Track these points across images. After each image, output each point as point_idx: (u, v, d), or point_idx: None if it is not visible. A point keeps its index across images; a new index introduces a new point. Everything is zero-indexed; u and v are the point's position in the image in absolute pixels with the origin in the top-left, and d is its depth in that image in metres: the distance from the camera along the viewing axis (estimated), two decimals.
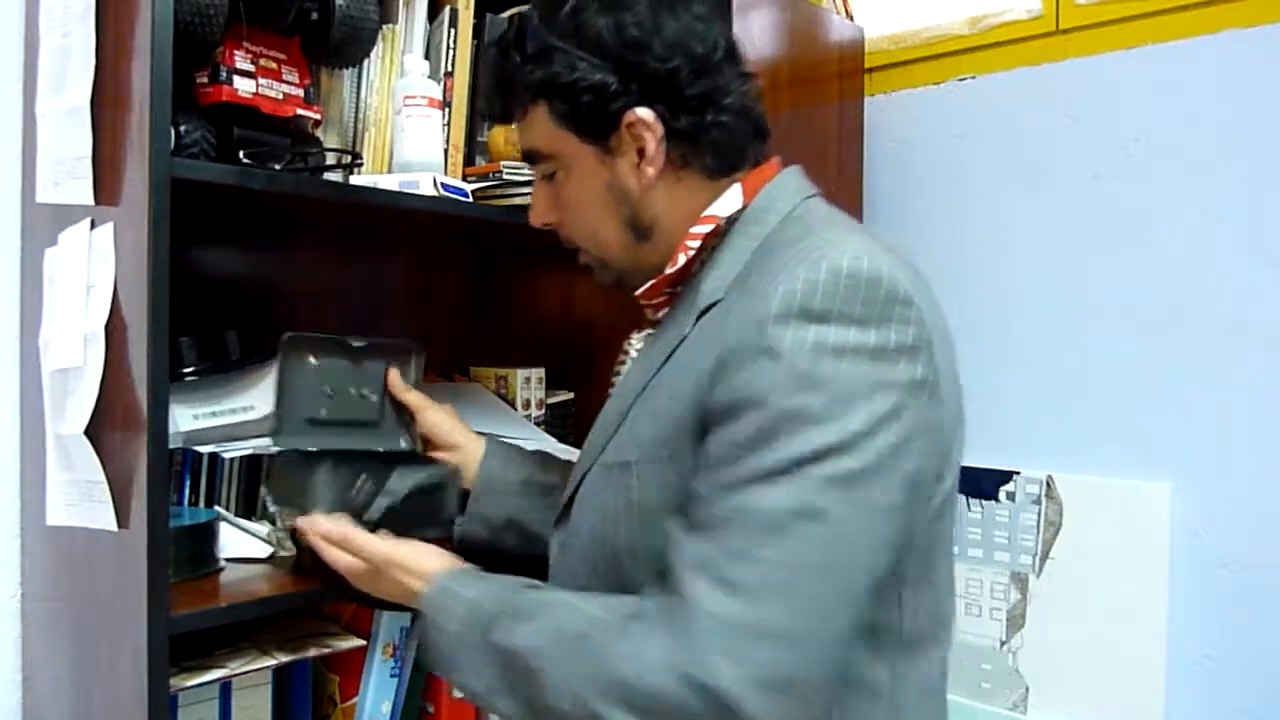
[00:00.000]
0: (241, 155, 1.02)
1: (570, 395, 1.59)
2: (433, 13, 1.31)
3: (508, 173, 1.24)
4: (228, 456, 1.14)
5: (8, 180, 1.19)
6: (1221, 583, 1.61)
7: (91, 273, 0.98)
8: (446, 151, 1.29)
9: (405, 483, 1.07)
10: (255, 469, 1.22)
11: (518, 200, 1.23)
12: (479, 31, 1.34)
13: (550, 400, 1.55)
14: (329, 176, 1.14)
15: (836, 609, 0.73)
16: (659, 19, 0.85)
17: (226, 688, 1.07)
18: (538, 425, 1.49)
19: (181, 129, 1.00)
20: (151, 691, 0.90)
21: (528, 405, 1.51)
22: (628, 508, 0.84)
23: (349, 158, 1.17)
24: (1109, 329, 1.73)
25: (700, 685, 0.69)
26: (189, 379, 1.13)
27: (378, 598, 0.99)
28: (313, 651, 1.11)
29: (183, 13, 0.94)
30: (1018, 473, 1.81)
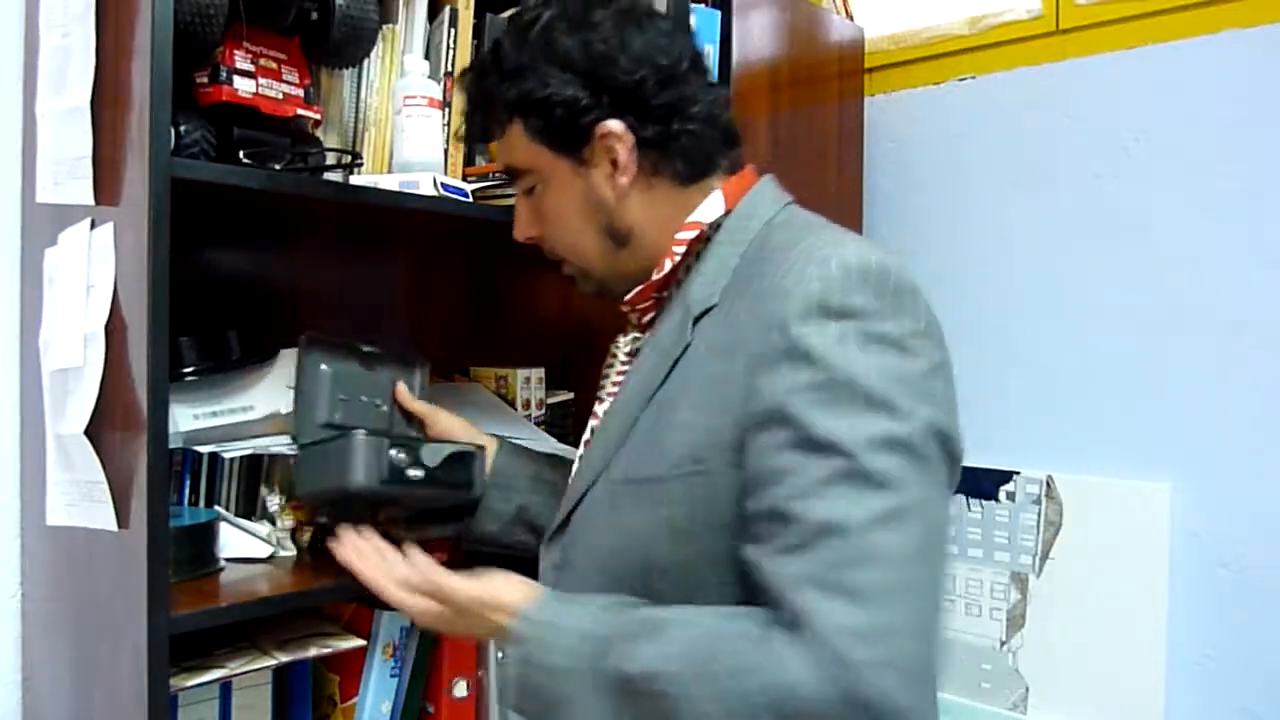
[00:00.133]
0: (241, 155, 1.02)
1: (570, 395, 1.59)
2: (433, 13, 1.31)
3: None
4: (228, 456, 1.14)
5: (8, 180, 1.19)
6: (1221, 583, 1.61)
7: (91, 273, 0.98)
8: (446, 151, 1.29)
9: (440, 452, 1.08)
10: (255, 469, 1.22)
11: None
12: (479, 31, 1.34)
13: (550, 400, 1.55)
14: (329, 176, 1.14)
15: (940, 585, 0.75)
16: (625, 34, 0.89)
17: (226, 688, 1.07)
18: (538, 425, 1.49)
19: (181, 129, 1.00)
20: (151, 691, 0.90)
21: (528, 405, 1.51)
22: (660, 524, 0.83)
23: (349, 158, 1.17)
24: (1109, 329, 1.73)
25: (853, 694, 0.68)
26: (189, 379, 1.13)
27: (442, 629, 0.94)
28: (313, 651, 1.10)
29: (183, 13, 0.95)
30: (1018, 473, 1.81)
